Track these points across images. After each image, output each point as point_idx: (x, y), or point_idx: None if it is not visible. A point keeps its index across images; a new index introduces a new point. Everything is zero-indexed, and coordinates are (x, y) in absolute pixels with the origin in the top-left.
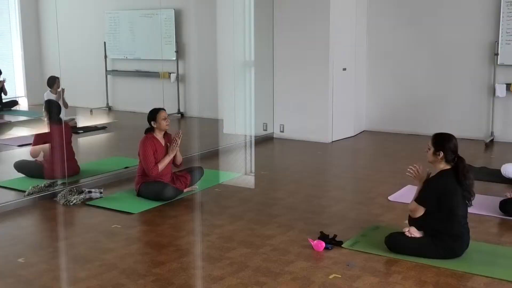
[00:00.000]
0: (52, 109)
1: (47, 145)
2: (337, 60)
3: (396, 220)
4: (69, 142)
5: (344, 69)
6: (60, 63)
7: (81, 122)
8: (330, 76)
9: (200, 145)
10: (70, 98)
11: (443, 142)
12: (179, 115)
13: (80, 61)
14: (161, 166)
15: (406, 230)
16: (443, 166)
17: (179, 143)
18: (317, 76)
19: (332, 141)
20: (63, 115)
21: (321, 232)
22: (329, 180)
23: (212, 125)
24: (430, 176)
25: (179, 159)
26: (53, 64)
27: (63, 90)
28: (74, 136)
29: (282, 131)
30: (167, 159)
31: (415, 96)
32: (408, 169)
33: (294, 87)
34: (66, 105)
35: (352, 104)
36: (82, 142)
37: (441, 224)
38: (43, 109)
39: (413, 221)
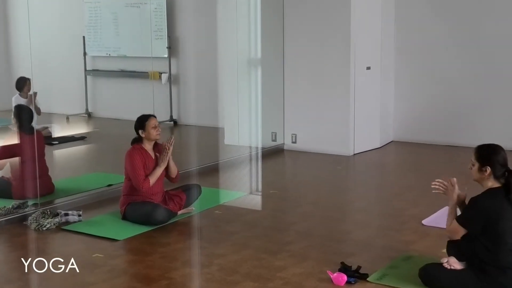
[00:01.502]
0: (23, 116)
1: (15, 159)
2: (360, 57)
3: (432, 249)
4: (42, 155)
5: (368, 68)
6: (32, 61)
7: (56, 132)
8: (351, 77)
9: (197, 159)
10: (43, 103)
11: (489, 155)
12: (172, 123)
13: (54, 59)
14: (153, 179)
15: (444, 261)
16: (492, 183)
17: (171, 151)
18: (336, 76)
19: (354, 154)
20: (35, 123)
21: (342, 263)
22: (351, 200)
23: (211, 134)
24: (465, 195)
25: (174, 170)
26: (22, 63)
27: (35, 94)
28: (47, 148)
29: (294, 142)
30: (159, 170)
31: (453, 100)
32: (433, 184)
33: (308, 90)
34: (38, 111)
35: (378, 109)
36: (57, 155)
37: (486, 254)
38: (12, 116)
39: (453, 250)
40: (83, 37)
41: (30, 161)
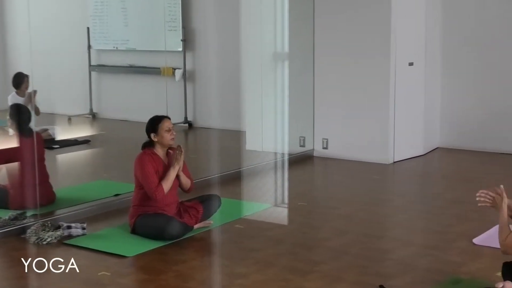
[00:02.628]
0: (20, 116)
1: (12, 165)
2: (401, 51)
3: (485, 272)
4: (41, 160)
5: (411, 64)
6: (31, 56)
7: (57, 134)
8: (391, 74)
9: (215, 166)
10: (42, 102)
11: None
12: (186, 125)
13: (54, 53)
14: (167, 185)
15: (499, 286)
16: None
17: (183, 154)
18: (374, 73)
19: (394, 162)
20: (34, 125)
21: (381, 286)
22: (390, 214)
23: (231, 139)
24: None
25: (186, 183)
26: (20, 57)
27: (34, 92)
28: (47, 152)
29: (326, 148)
30: (172, 173)
31: (510, 101)
32: (478, 196)
33: (341, 88)
34: (37, 111)
35: (422, 111)
36: (59, 160)
37: None
38: (8, 117)
39: (509, 272)
40: (87, 28)
41: (29, 166)
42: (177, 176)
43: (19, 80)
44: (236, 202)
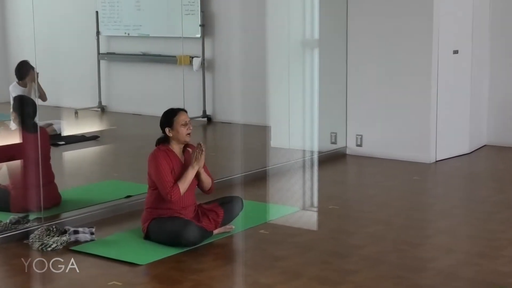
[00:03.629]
0: (25, 108)
1: (14, 163)
2: (445, 38)
3: None
4: (46, 158)
5: (456, 52)
6: (35, 44)
7: (63, 130)
8: (433, 62)
9: (237, 165)
10: (46, 93)
11: None
12: (205, 119)
13: (61, 40)
14: (183, 186)
15: None
16: None
17: (203, 153)
18: (414, 63)
19: (436, 161)
20: (38, 118)
21: None
22: (431, 219)
23: (255, 135)
24: None
25: (207, 182)
26: (23, 45)
27: (37, 74)
28: (53, 149)
29: (360, 145)
30: (191, 173)
31: None
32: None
33: (378, 79)
34: (43, 96)
35: (468, 104)
36: (65, 158)
37: None
38: (11, 110)
39: None
40: (96, 12)
41: (32, 165)
42: (197, 175)
43: (23, 70)
44: (260, 205)
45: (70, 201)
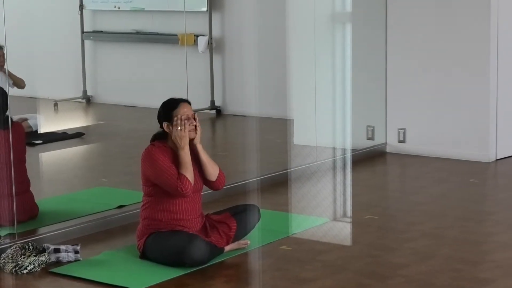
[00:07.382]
0: None
1: None
2: (505, 19)
3: None
4: (20, 161)
5: None
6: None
7: (40, 126)
8: (491, 43)
9: (253, 167)
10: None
11: None
12: (213, 111)
13: (37, 17)
14: (188, 173)
15: None
16: None
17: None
18: (469, 43)
19: (496, 160)
20: (10, 112)
21: None
22: (491, 231)
23: (274, 130)
24: None
25: (212, 168)
26: None
27: (2, 52)
28: (28, 150)
29: (403, 141)
30: (184, 156)
31: None
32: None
33: (424, 64)
34: (20, 82)
35: None
36: (43, 160)
37: None
38: None
39: None
40: None
41: (3, 169)
42: (197, 162)
43: None
44: (281, 214)
45: (49, 213)
